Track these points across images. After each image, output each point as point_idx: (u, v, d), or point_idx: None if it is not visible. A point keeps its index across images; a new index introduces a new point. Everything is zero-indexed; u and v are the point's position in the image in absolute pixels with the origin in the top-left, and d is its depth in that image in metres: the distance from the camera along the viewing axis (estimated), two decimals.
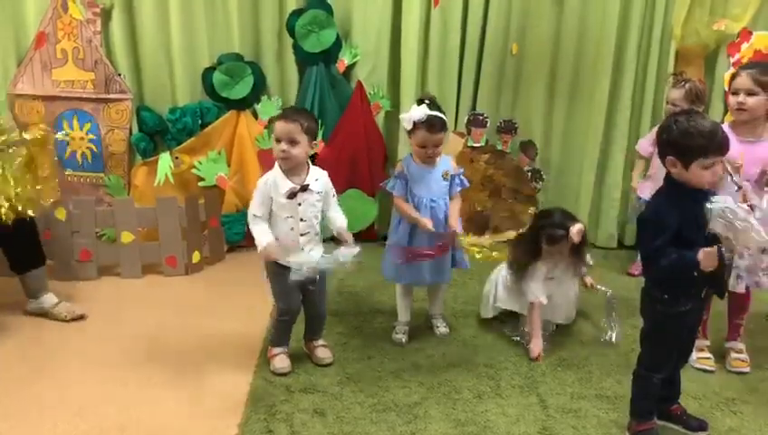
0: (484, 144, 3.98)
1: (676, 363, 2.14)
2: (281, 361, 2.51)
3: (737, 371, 2.56)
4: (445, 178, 2.62)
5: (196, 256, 3.55)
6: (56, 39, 3.62)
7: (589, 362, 2.63)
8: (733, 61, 3.78)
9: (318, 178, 2.42)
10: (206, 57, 3.79)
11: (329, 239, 2.63)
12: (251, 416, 2.21)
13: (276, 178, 2.37)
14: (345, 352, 2.66)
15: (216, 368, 2.54)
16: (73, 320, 2.93)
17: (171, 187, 3.64)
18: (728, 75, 3.40)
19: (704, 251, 1.82)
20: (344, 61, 3.87)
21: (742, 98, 2.39)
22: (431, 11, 3.78)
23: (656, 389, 2.08)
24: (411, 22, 3.76)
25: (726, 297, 2.24)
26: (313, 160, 2.61)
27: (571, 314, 2.91)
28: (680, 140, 1.88)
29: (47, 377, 2.47)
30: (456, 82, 3.94)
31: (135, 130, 3.78)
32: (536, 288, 2.69)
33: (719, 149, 1.87)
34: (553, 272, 2.73)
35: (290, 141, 2.31)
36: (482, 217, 4.00)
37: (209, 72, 3.75)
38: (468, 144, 3.96)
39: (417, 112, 2.50)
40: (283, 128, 2.32)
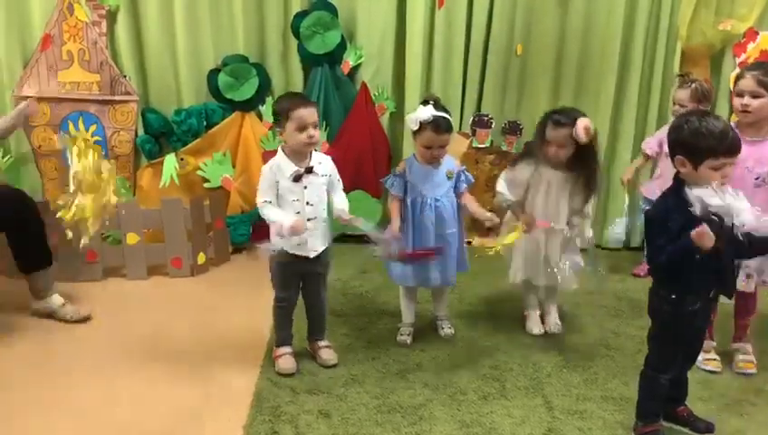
0: (488, 145, 3.97)
1: (684, 365, 2.13)
2: (286, 361, 2.51)
3: (744, 372, 2.55)
4: (449, 178, 2.63)
5: (202, 258, 3.55)
6: (62, 41, 3.63)
7: (594, 363, 2.62)
8: (739, 61, 3.77)
9: (321, 162, 2.42)
10: (211, 59, 3.80)
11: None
12: (256, 417, 2.21)
13: (280, 163, 2.36)
14: (350, 353, 2.65)
15: (221, 369, 2.53)
16: (79, 321, 2.93)
17: (176, 188, 3.65)
18: (734, 75, 3.39)
19: (695, 230, 1.77)
20: (349, 62, 3.87)
21: (746, 100, 2.37)
22: (436, 12, 3.78)
23: (663, 390, 2.07)
24: (416, 23, 3.76)
25: (733, 298, 2.23)
26: None
27: (559, 273, 2.74)
28: (690, 139, 1.87)
29: (52, 378, 2.47)
30: (461, 83, 3.93)
31: (140, 131, 3.79)
32: (510, 184, 2.69)
33: (729, 150, 1.86)
34: (548, 181, 2.66)
35: (315, 126, 2.33)
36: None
37: (214, 74, 3.76)
38: (473, 145, 3.95)
39: (424, 113, 2.50)
40: (311, 113, 2.32)
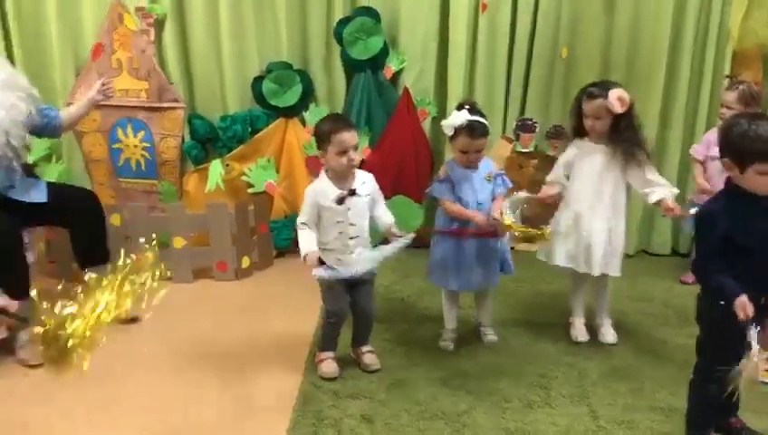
0: (533, 149, 3.93)
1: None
2: (328, 366, 2.52)
3: None
4: (488, 180, 2.61)
5: (246, 262, 3.60)
6: (112, 50, 3.72)
7: (641, 372, 2.56)
8: None
9: (365, 182, 2.44)
10: (255, 66, 3.85)
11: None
12: (299, 421, 2.23)
13: (323, 187, 2.40)
14: (392, 358, 2.65)
15: (265, 372, 2.56)
16: (127, 322, 2.99)
17: (222, 193, 3.71)
18: None
19: (740, 300, 1.78)
20: (391, 67, 3.88)
21: None
22: (479, 16, 3.76)
23: (713, 400, 2.01)
24: (458, 28, 3.75)
25: None
26: (360, 166, 2.62)
27: (616, 250, 2.69)
28: (738, 142, 1.82)
29: (100, 378, 2.52)
30: (505, 88, 3.90)
31: (187, 137, 3.86)
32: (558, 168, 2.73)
33: None
34: (591, 156, 2.66)
35: (355, 148, 2.37)
36: (531, 223, 3.94)
37: (259, 81, 3.81)
38: (516, 149, 3.92)
39: (458, 118, 2.50)
40: (352, 136, 2.36)
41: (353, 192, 2.39)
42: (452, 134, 2.53)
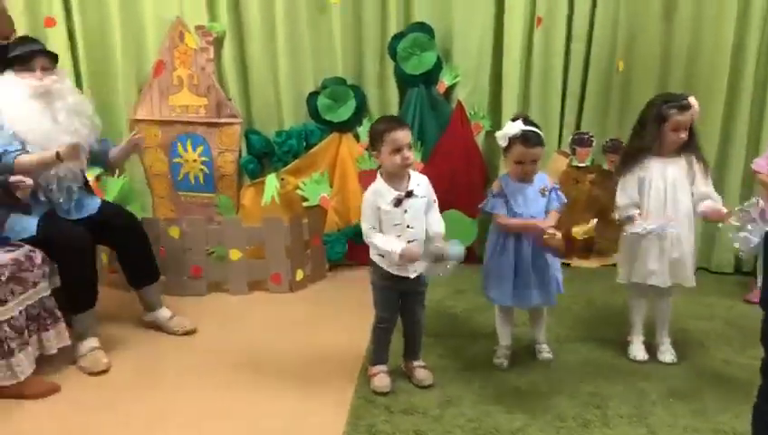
0: (589, 164, 3.87)
1: None
2: (381, 380, 2.52)
3: None
4: (543, 195, 2.57)
5: (300, 274, 3.64)
6: (173, 67, 3.84)
7: (703, 394, 2.48)
8: None
9: (420, 183, 2.43)
10: (310, 81, 3.92)
11: None
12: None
13: (380, 188, 2.39)
14: (445, 374, 2.64)
15: (318, 385, 2.58)
16: (185, 334, 3.07)
17: (276, 207, 3.76)
18: None
19: None
20: (444, 82, 3.89)
21: None
22: (533, 31, 3.74)
23: None
24: (513, 42, 3.74)
25: None
26: None
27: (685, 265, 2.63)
28: None
29: (157, 388, 2.60)
30: (560, 101, 3.86)
31: (244, 152, 3.95)
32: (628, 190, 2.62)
33: None
34: (663, 172, 2.58)
35: (409, 147, 2.36)
36: (587, 238, 3.88)
37: (314, 96, 3.87)
38: (572, 164, 3.87)
39: (512, 128, 2.49)
40: (405, 135, 2.35)
41: (410, 193, 2.39)
42: (506, 145, 2.51)
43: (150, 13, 3.90)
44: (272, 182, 3.78)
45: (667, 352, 2.73)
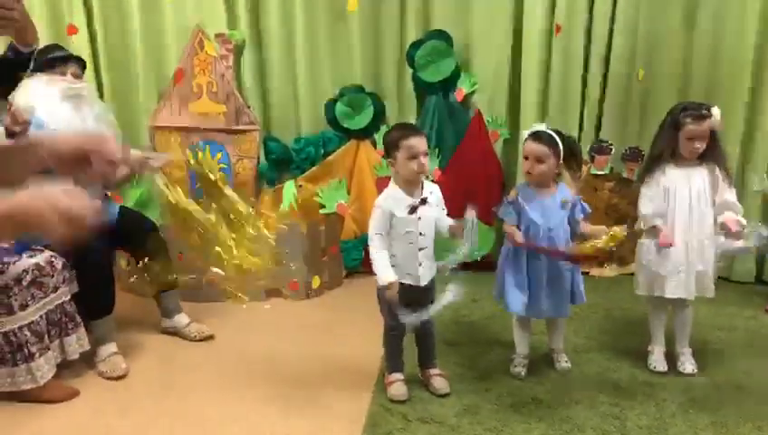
0: (608, 172, 3.85)
1: None
2: (398, 388, 2.52)
3: None
4: (563, 207, 2.54)
5: (317, 281, 3.65)
6: (193, 75, 3.87)
7: (724, 405, 2.45)
8: None
9: (432, 191, 2.45)
10: (329, 89, 3.94)
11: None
12: None
13: (395, 195, 2.40)
14: (462, 383, 2.62)
15: (334, 392, 2.58)
16: (202, 340, 3.08)
17: (294, 213, 3.78)
18: None
19: None
20: (463, 90, 3.89)
21: None
22: (552, 38, 3.73)
23: None
24: (532, 50, 3.74)
25: None
26: None
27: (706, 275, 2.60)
28: None
29: (175, 393, 2.61)
30: (579, 109, 3.85)
31: (262, 159, 3.96)
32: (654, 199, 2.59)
33: None
34: (688, 181, 2.56)
35: (425, 154, 2.36)
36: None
37: (332, 104, 3.88)
38: (591, 172, 3.84)
39: (532, 128, 2.54)
40: (421, 142, 2.36)
41: (424, 201, 2.39)
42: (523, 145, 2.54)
43: (171, 21, 3.94)
44: (289, 189, 3.79)
45: (687, 363, 2.70)
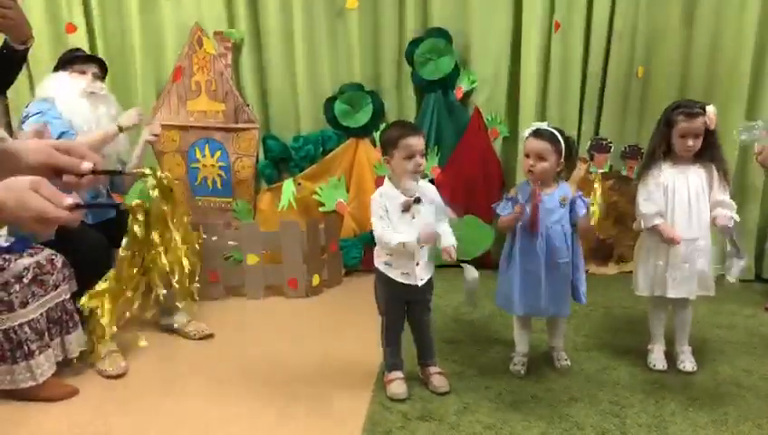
0: (608, 170, 3.85)
1: None
2: (397, 386, 2.51)
3: None
4: (562, 205, 2.54)
5: (316, 279, 3.65)
6: (191, 72, 3.87)
7: (724, 403, 2.45)
8: None
9: (425, 192, 2.43)
10: (328, 87, 3.93)
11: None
12: None
13: (389, 192, 2.40)
14: (462, 381, 2.62)
15: (334, 390, 2.58)
16: (202, 338, 3.08)
17: (293, 211, 3.78)
18: None
19: None
20: (462, 87, 3.89)
21: None
22: (552, 35, 3.72)
23: None
24: (531, 47, 3.72)
25: None
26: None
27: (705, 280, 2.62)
28: None
29: (174, 391, 2.61)
30: (578, 107, 3.84)
31: (261, 157, 3.96)
32: (653, 197, 2.57)
33: None
34: (685, 179, 2.56)
35: (422, 154, 2.37)
36: (605, 245, 3.87)
37: (331, 102, 3.88)
38: (590, 170, 3.84)
39: (534, 126, 2.53)
40: (418, 141, 2.36)
41: (418, 200, 2.38)
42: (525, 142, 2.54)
43: (169, 19, 3.93)
44: (288, 187, 3.79)
45: (686, 361, 2.70)
